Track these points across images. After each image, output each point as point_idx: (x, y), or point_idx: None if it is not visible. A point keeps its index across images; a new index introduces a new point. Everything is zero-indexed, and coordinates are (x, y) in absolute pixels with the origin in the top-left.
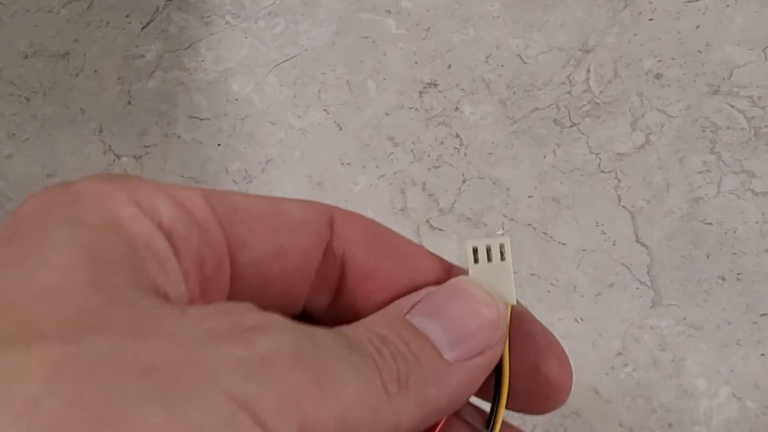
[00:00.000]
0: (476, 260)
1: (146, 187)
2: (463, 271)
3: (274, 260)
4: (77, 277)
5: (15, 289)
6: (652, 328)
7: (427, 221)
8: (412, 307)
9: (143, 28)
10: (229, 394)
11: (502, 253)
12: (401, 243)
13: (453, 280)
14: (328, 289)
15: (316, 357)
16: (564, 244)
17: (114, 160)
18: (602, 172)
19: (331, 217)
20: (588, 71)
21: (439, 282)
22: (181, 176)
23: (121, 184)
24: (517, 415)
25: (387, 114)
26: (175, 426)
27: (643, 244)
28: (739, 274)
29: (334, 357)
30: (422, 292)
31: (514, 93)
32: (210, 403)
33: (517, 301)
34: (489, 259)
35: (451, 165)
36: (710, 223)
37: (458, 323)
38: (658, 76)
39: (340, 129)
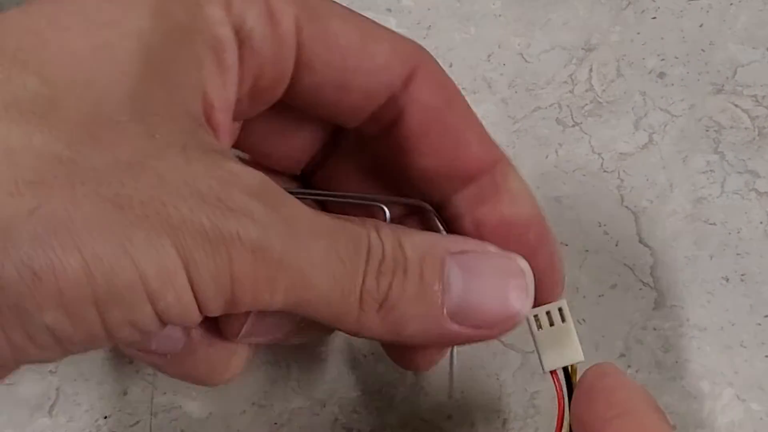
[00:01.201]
0: (539, 326)
1: None
2: (507, 165)
3: (334, 92)
4: (128, 66)
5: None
6: (655, 329)
7: None
8: (460, 252)
9: None
10: (179, 251)
11: (562, 316)
12: (464, 123)
13: (509, 259)
14: (376, 126)
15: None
16: (566, 245)
17: None
18: (605, 171)
19: (413, 69)
20: (590, 70)
21: (480, 170)
22: None
23: None
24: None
25: None
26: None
27: (646, 245)
28: (743, 274)
29: (309, 263)
30: (478, 245)
31: (515, 92)
32: (158, 249)
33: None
34: (551, 323)
35: None
36: (714, 224)
37: (483, 303)
38: (662, 75)
39: None
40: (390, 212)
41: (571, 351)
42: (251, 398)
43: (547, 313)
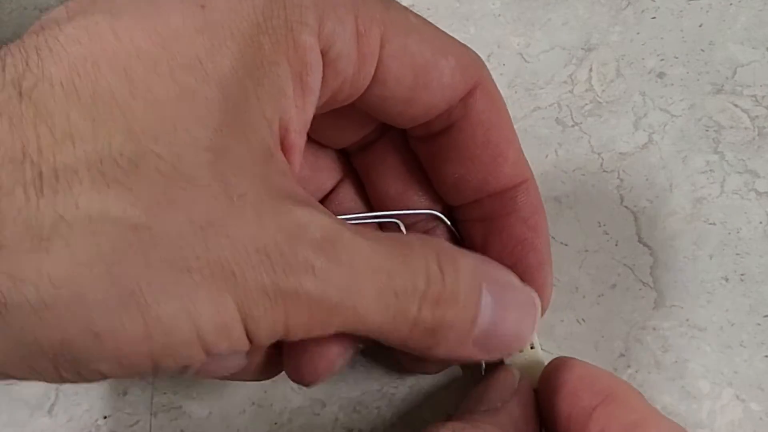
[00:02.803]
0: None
1: (339, 9)
2: (532, 186)
3: (399, 103)
4: (208, 115)
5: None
6: (654, 329)
7: None
8: (495, 281)
9: None
10: (238, 306)
11: (531, 344)
12: (506, 141)
13: (530, 294)
14: (425, 131)
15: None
16: (566, 245)
17: None
18: (604, 171)
19: (475, 86)
20: (590, 70)
21: (508, 186)
22: None
23: None
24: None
25: None
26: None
27: (645, 245)
28: (742, 274)
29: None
30: (505, 274)
31: (515, 92)
32: (218, 306)
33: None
34: (520, 350)
35: None
36: (713, 224)
37: (504, 335)
38: (661, 75)
39: None
40: (404, 221)
41: (537, 374)
42: (251, 398)
43: None
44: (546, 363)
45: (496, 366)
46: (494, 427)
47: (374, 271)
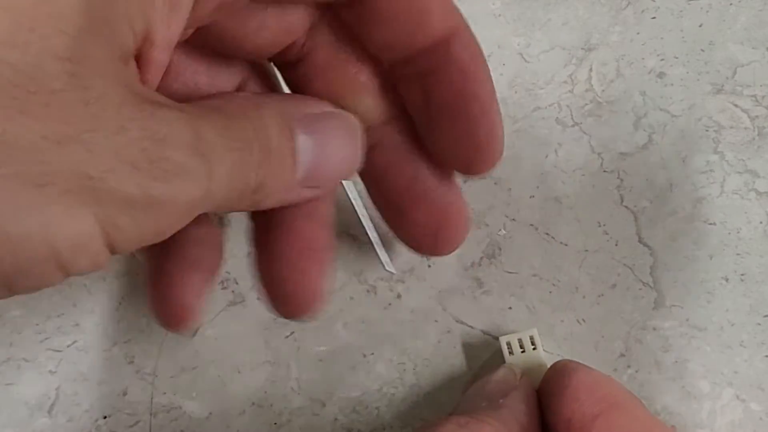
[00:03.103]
0: (511, 352)
1: None
2: (465, 35)
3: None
4: (67, 20)
5: None
6: (654, 329)
7: None
8: (305, 117)
9: None
10: (98, 219)
11: (533, 343)
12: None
13: (348, 118)
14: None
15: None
16: (566, 245)
17: None
18: (605, 171)
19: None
20: (590, 70)
21: (437, 39)
22: None
23: None
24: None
25: None
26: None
27: (645, 245)
28: (742, 274)
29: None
30: (318, 105)
31: (515, 92)
32: (75, 220)
33: None
34: (522, 349)
35: None
36: (713, 224)
37: (331, 167)
38: (661, 75)
39: None
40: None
41: (538, 376)
42: (251, 398)
43: (519, 339)
44: (548, 364)
45: (497, 364)
46: (497, 422)
47: (225, 152)
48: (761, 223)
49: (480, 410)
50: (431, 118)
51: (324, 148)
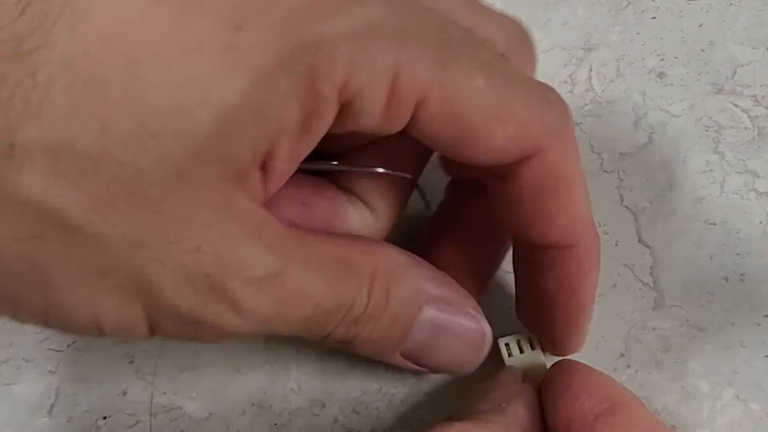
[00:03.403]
0: (510, 354)
1: (375, 67)
2: (588, 252)
3: (439, 149)
4: (194, 135)
5: None
6: (654, 329)
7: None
8: (439, 301)
9: None
10: (146, 313)
11: (531, 344)
12: (556, 209)
13: (477, 323)
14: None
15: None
16: None
17: None
18: (604, 171)
19: (532, 154)
20: (590, 70)
21: (553, 246)
22: None
23: (367, 32)
24: None
25: None
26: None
27: (645, 245)
28: (742, 274)
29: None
30: (458, 296)
31: None
32: (125, 308)
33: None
34: (521, 350)
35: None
36: (713, 224)
37: (437, 357)
38: (661, 75)
39: None
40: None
41: (539, 376)
42: (251, 398)
43: (518, 341)
44: (548, 365)
45: (498, 365)
46: (500, 428)
47: (302, 300)
48: (761, 223)
49: (483, 414)
50: (527, 295)
51: (442, 340)
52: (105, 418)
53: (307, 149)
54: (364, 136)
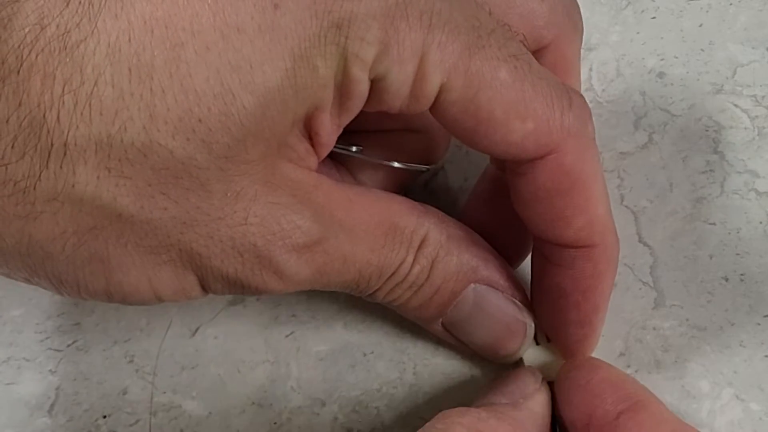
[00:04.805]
0: None
1: (404, 48)
2: (606, 252)
3: (458, 135)
4: (241, 113)
5: None
6: (654, 329)
7: None
8: (485, 281)
9: None
10: (199, 279)
11: (547, 337)
12: (572, 208)
13: (520, 310)
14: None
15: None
16: None
17: None
18: (604, 171)
19: (547, 153)
20: (590, 70)
21: (569, 245)
22: None
23: (398, 12)
24: None
25: None
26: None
27: (645, 244)
28: (742, 274)
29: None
30: (503, 278)
31: None
32: (179, 278)
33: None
34: (537, 343)
35: (452, 164)
36: (713, 224)
37: (474, 334)
38: (661, 74)
39: None
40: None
41: (553, 370)
42: (251, 398)
43: (534, 333)
44: (562, 360)
45: (516, 363)
46: (516, 422)
47: (344, 266)
48: (761, 223)
49: (499, 406)
50: (540, 290)
51: (480, 321)
52: (105, 417)
53: (342, 126)
54: (390, 118)
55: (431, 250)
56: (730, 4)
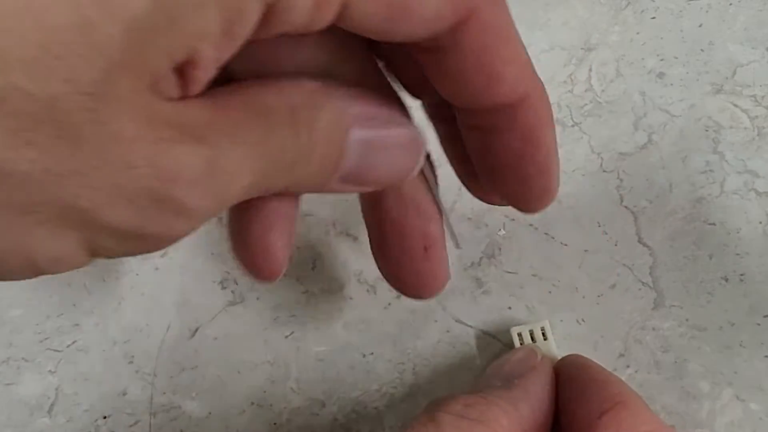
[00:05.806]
0: (521, 342)
1: None
2: (537, 101)
3: (372, 33)
4: (106, 49)
5: None
6: (654, 329)
7: None
8: (364, 118)
9: None
10: (83, 242)
11: (544, 335)
12: (501, 62)
13: (409, 130)
14: (413, 49)
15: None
16: (566, 245)
17: None
18: (604, 171)
19: (467, 15)
20: (590, 70)
21: (505, 103)
22: None
23: None
24: None
25: None
26: None
27: (645, 245)
28: (742, 275)
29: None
30: (384, 113)
31: None
32: (58, 239)
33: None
34: (533, 340)
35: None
36: (713, 224)
37: (374, 172)
38: (661, 75)
39: None
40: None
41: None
42: (251, 398)
43: (530, 331)
44: (559, 356)
45: (519, 345)
46: (507, 403)
47: (240, 177)
48: (761, 223)
49: (492, 390)
50: (487, 166)
51: (375, 155)
52: (105, 417)
53: (229, 54)
54: (291, 39)
55: (304, 114)
56: (730, 4)
